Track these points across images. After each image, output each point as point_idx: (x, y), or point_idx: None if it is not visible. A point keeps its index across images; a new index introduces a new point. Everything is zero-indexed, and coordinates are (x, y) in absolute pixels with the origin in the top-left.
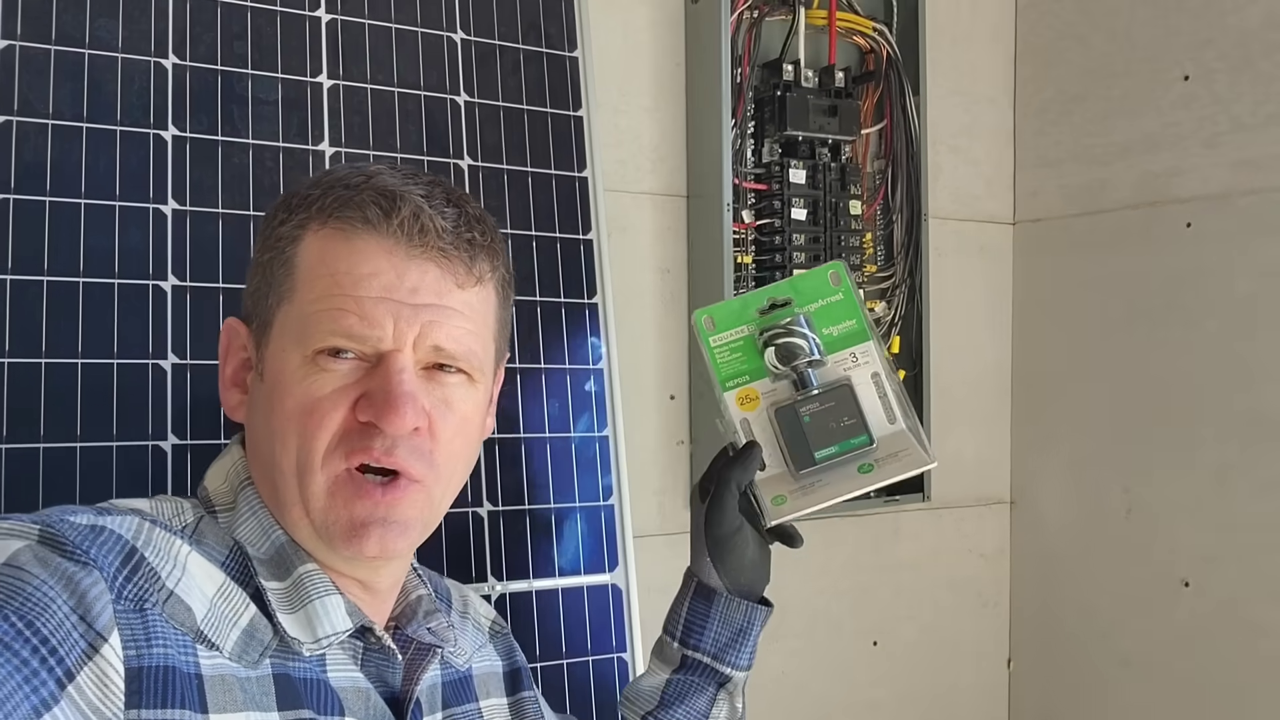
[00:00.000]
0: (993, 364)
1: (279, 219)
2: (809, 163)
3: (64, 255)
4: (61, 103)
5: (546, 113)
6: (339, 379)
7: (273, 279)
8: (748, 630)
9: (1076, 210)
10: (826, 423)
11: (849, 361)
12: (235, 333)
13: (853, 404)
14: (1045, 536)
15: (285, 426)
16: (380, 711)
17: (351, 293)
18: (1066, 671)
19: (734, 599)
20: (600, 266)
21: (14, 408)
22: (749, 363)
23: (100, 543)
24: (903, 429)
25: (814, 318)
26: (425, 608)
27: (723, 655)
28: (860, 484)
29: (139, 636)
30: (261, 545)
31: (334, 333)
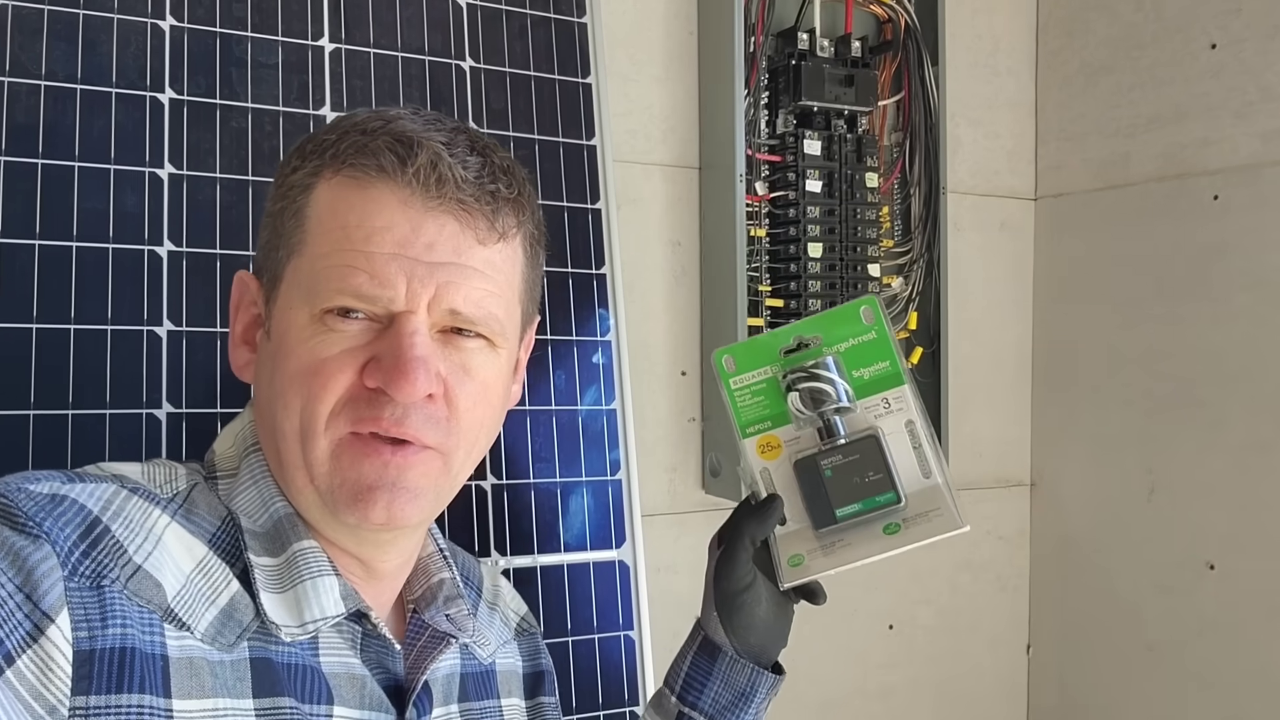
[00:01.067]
0: (1013, 342)
1: (292, 166)
2: (824, 134)
3: (57, 219)
4: (55, 63)
5: (554, 79)
6: (347, 340)
7: (283, 231)
8: (750, 695)
9: (1100, 184)
10: (850, 477)
11: (881, 407)
12: (246, 287)
13: (880, 457)
14: (1066, 519)
15: (288, 387)
16: (377, 699)
17: (362, 248)
18: (1088, 657)
19: (739, 660)
20: (609, 237)
21: (5, 374)
22: (772, 408)
23: (58, 514)
24: (937, 485)
25: (844, 358)
26: (447, 593)
27: (721, 717)
28: (885, 546)
29: (93, 616)
30: (258, 517)
31: (342, 291)
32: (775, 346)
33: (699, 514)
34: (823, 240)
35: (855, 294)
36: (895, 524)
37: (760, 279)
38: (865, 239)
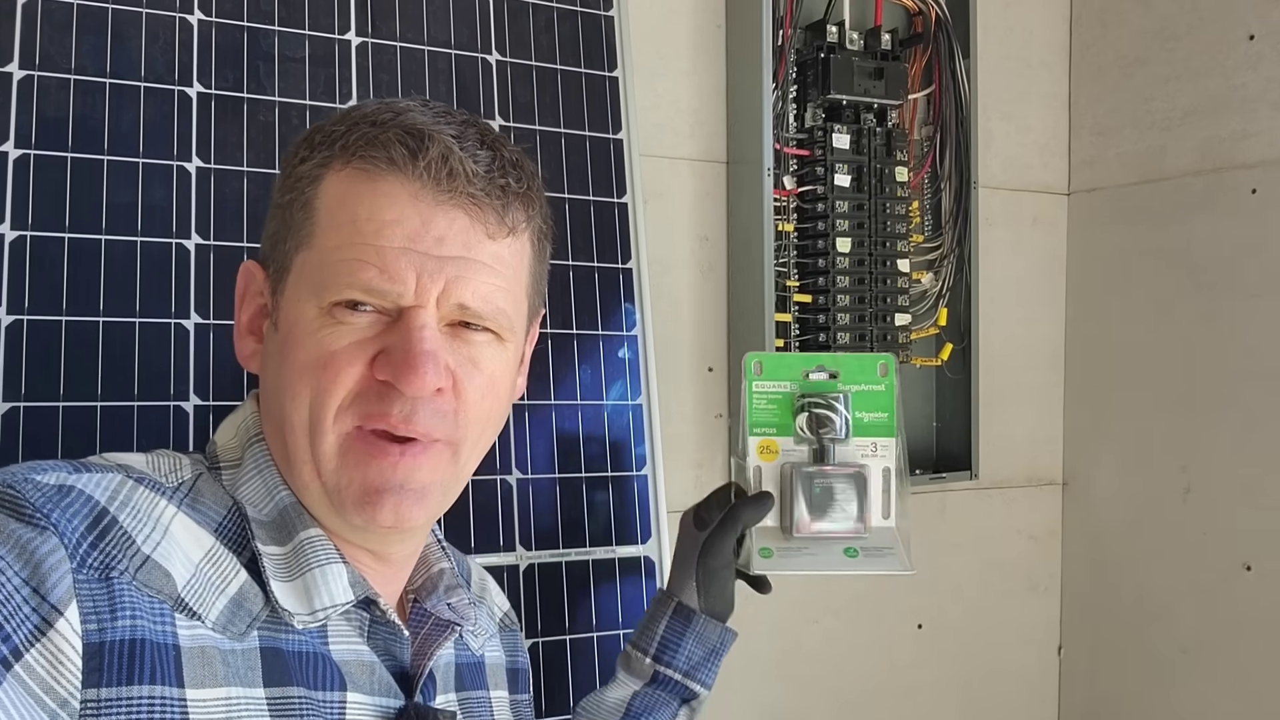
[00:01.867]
0: (1045, 339)
1: (300, 157)
2: (853, 127)
3: (86, 212)
4: (84, 58)
5: (580, 73)
6: (356, 332)
7: (291, 222)
8: (720, 651)
9: (1135, 179)
10: (833, 498)
11: (869, 450)
12: (252, 277)
13: (861, 491)
14: (1099, 518)
15: (297, 380)
16: (386, 685)
17: (373, 241)
18: (1121, 660)
19: (710, 621)
20: (635, 231)
21: (34, 366)
22: (781, 417)
23: (65, 505)
24: (893, 529)
25: (853, 399)
26: (447, 582)
27: (694, 673)
28: (842, 566)
29: (102, 608)
30: (264, 506)
31: (352, 285)
32: (800, 367)
33: None
34: (851, 235)
35: (884, 289)
36: (854, 550)
37: (789, 274)
38: (895, 234)
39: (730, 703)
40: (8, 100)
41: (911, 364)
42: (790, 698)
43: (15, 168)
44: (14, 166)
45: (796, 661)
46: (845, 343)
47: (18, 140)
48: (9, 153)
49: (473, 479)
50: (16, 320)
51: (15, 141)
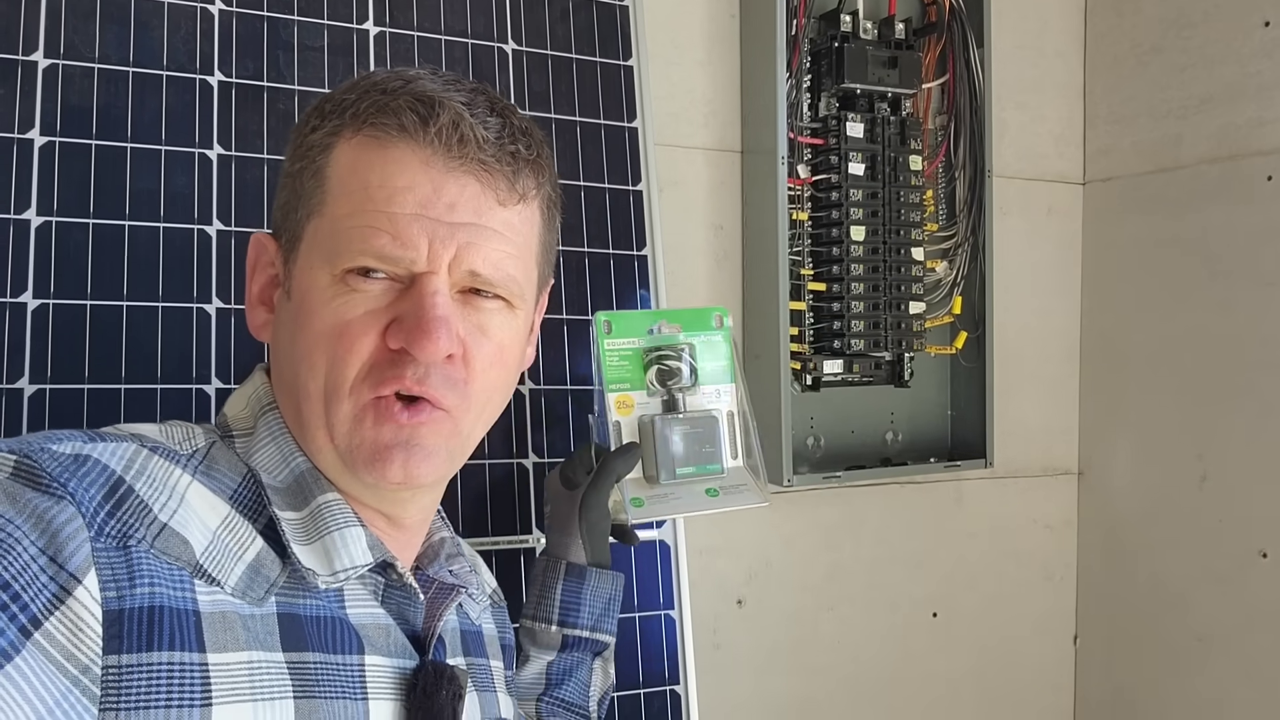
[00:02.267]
0: (1060, 328)
1: (310, 125)
2: (867, 116)
3: (110, 199)
4: (108, 47)
5: (596, 62)
6: (370, 300)
7: (302, 191)
8: (616, 597)
9: (1150, 167)
10: (692, 445)
11: (714, 396)
12: (263, 247)
13: (716, 434)
14: (1115, 507)
15: (313, 348)
16: (401, 646)
17: (384, 208)
18: (1137, 648)
19: (601, 572)
20: (650, 219)
21: (60, 350)
22: (633, 373)
23: (82, 474)
24: (749, 466)
25: (695, 350)
26: (448, 550)
27: (600, 625)
28: (705, 505)
29: (120, 576)
30: (279, 473)
31: (364, 252)
32: (646, 323)
33: None
34: (865, 224)
35: (898, 278)
36: (715, 489)
37: (803, 263)
38: (909, 222)
39: (745, 692)
40: (33, 89)
41: (926, 352)
42: (805, 686)
43: (41, 155)
44: (40, 154)
45: (811, 650)
46: (859, 331)
47: (43, 128)
48: (35, 140)
49: (489, 462)
50: (43, 305)
51: (41, 129)
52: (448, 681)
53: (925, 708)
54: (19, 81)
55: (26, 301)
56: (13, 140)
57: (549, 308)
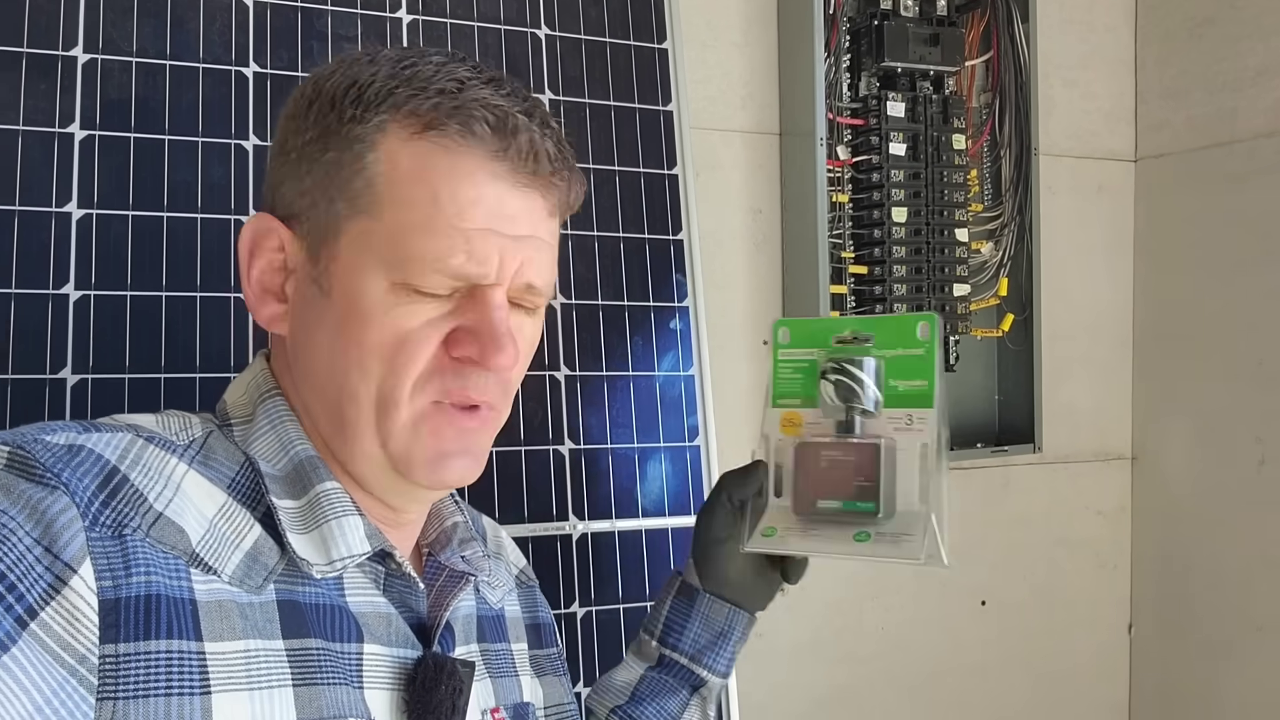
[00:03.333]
0: (1112, 309)
1: (348, 113)
2: (909, 95)
3: (148, 190)
4: (145, 40)
5: (630, 45)
6: (430, 310)
7: (341, 182)
8: (728, 634)
9: (1205, 142)
10: (842, 475)
11: (903, 422)
12: (268, 232)
13: (875, 467)
14: (1170, 493)
15: (366, 357)
16: (403, 636)
17: (457, 224)
18: (1193, 638)
19: (716, 601)
20: (685, 202)
21: (101, 340)
22: (806, 388)
23: (76, 464)
24: (924, 514)
25: (887, 366)
26: (461, 535)
27: (700, 657)
28: (850, 550)
29: (116, 565)
30: (278, 461)
31: (441, 272)
32: (830, 333)
33: None
34: (907, 204)
35: (942, 260)
36: (867, 534)
37: (844, 245)
38: (952, 203)
39: (787, 681)
40: (73, 83)
41: (972, 335)
42: (848, 676)
43: (81, 149)
44: (80, 148)
45: (855, 639)
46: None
47: (83, 122)
48: (75, 134)
49: (525, 449)
50: (84, 296)
51: (81, 123)
52: (447, 675)
53: (973, 699)
54: (59, 77)
55: (68, 293)
56: (54, 134)
57: (584, 294)
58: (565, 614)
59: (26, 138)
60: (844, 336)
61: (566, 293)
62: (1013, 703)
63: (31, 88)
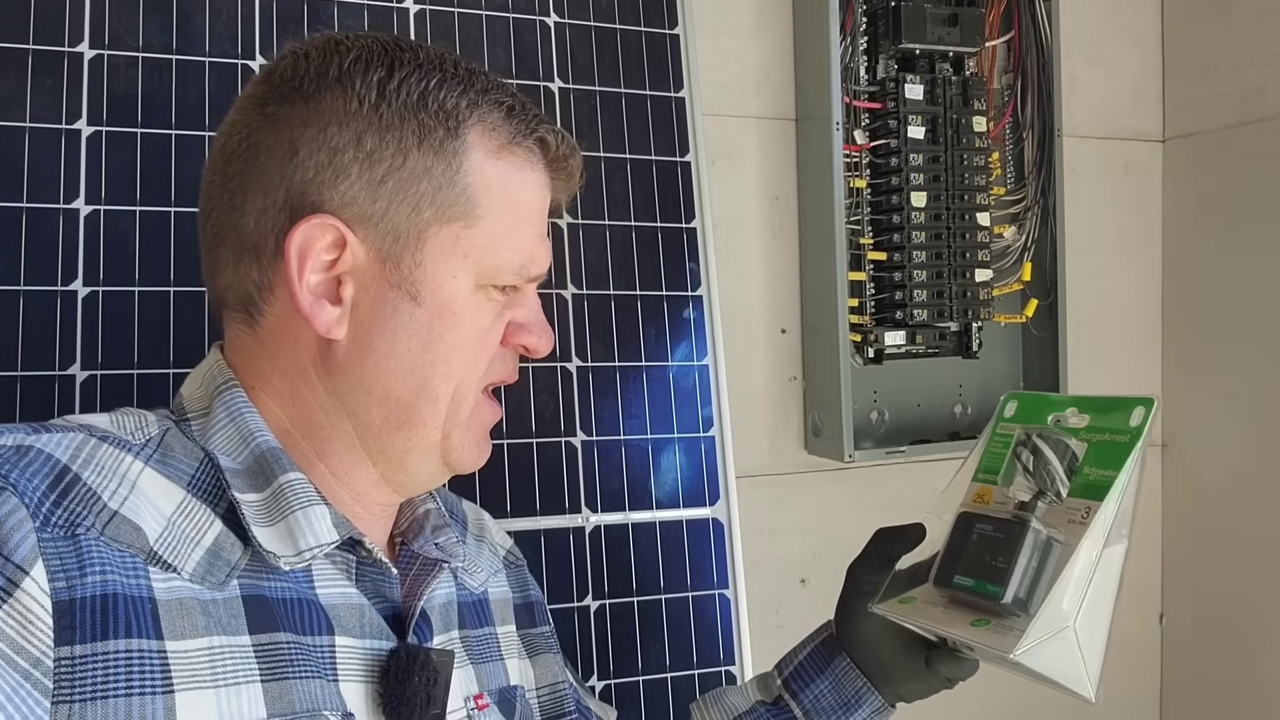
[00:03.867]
0: (1141, 293)
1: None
2: (928, 77)
3: (155, 185)
4: (151, 35)
5: (640, 31)
6: (497, 307)
7: (429, 191)
8: (854, 706)
9: (1235, 121)
10: (985, 552)
11: (1080, 515)
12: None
13: (1015, 548)
14: (1202, 480)
15: (452, 355)
16: (377, 627)
17: (530, 229)
18: (1227, 628)
19: (855, 668)
20: (699, 190)
21: (110, 335)
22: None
23: (24, 464)
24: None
25: (1090, 452)
26: (434, 522)
27: (814, 717)
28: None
29: (70, 566)
30: (238, 454)
31: (521, 274)
32: (1050, 410)
33: (801, 475)
34: (927, 189)
35: (963, 244)
36: (987, 620)
37: (862, 231)
38: (973, 186)
39: None
40: (79, 79)
41: (995, 321)
42: None
43: (88, 144)
44: (87, 143)
45: None
46: (922, 300)
47: (90, 118)
48: (82, 130)
49: (537, 441)
50: (93, 292)
51: (88, 119)
52: (420, 666)
53: (998, 691)
54: (65, 73)
55: (77, 289)
56: (60, 131)
57: (596, 283)
58: (579, 607)
59: (33, 134)
60: (1061, 415)
61: (578, 283)
62: (1040, 696)
63: (38, 84)
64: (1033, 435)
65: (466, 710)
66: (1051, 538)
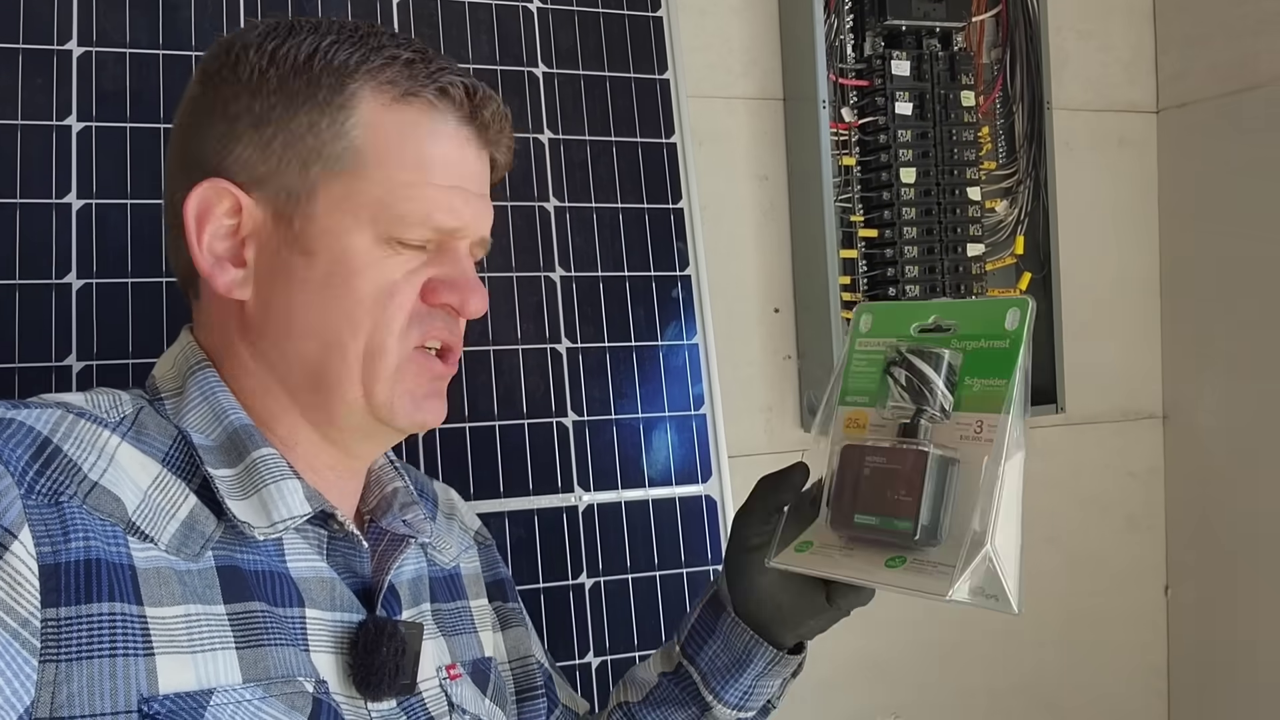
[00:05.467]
0: (1138, 265)
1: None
2: (914, 53)
3: (145, 179)
4: (138, 31)
5: (623, 15)
6: (409, 261)
7: (316, 147)
8: (744, 665)
9: (1229, 89)
10: (883, 486)
11: (972, 430)
12: (217, 198)
13: (919, 479)
14: (1204, 452)
15: (355, 309)
16: (347, 600)
17: (437, 181)
18: (1233, 599)
19: (739, 623)
20: (684, 170)
21: (104, 326)
22: (880, 384)
23: (7, 436)
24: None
25: (968, 361)
26: (401, 500)
27: (711, 679)
28: (878, 578)
29: (54, 531)
30: (211, 431)
31: (424, 224)
32: (913, 320)
33: (798, 454)
34: (916, 165)
35: (955, 219)
36: (902, 559)
37: (853, 209)
38: (963, 161)
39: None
40: (69, 76)
41: (989, 296)
42: (875, 646)
43: (79, 140)
44: (77, 139)
45: (880, 608)
46: (914, 276)
47: (79, 114)
48: (73, 127)
49: (529, 421)
50: (86, 284)
51: (78, 115)
52: (388, 638)
53: (1006, 666)
54: (54, 70)
55: (71, 282)
56: (51, 128)
57: (585, 264)
58: (573, 585)
59: (25, 132)
60: (927, 325)
61: (566, 265)
62: (1047, 669)
63: (29, 82)
64: (903, 350)
65: (439, 680)
66: (949, 459)
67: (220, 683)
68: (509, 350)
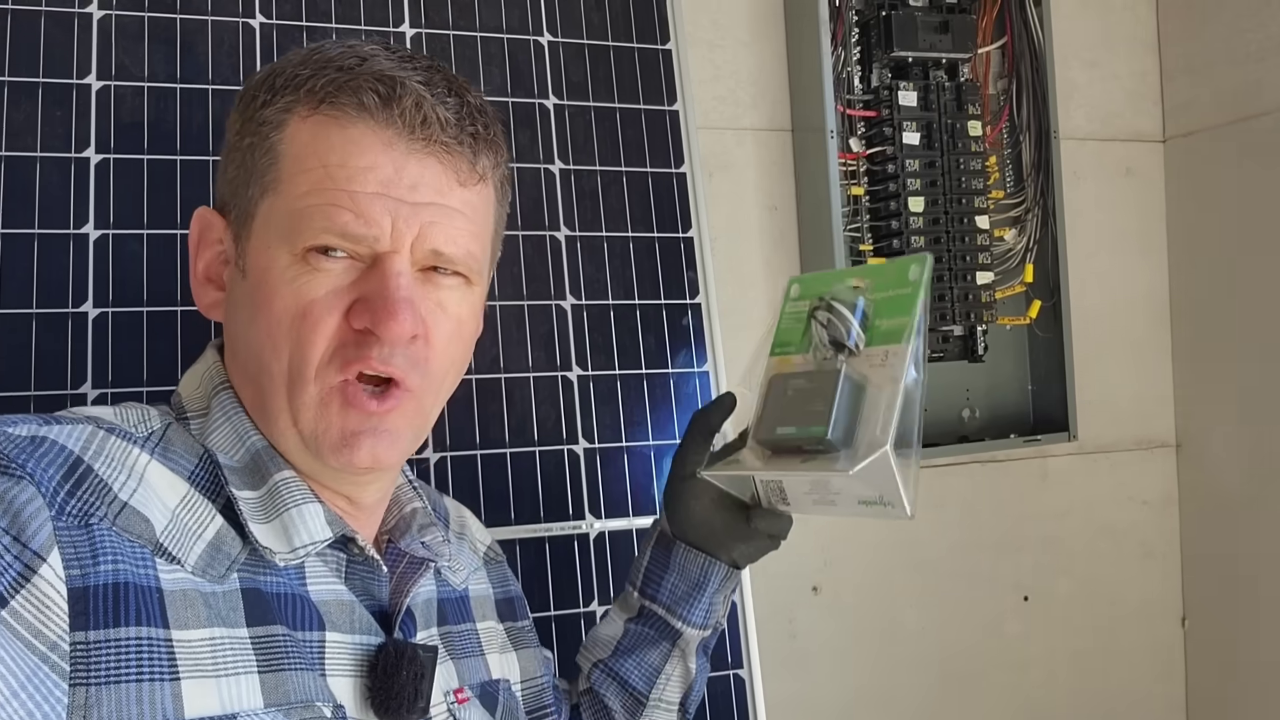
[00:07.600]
0: (1148, 294)
1: (260, 100)
2: (921, 84)
3: (162, 209)
4: (155, 65)
5: (633, 48)
6: (332, 279)
7: (254, 167)
8: (703, 585)
9: (1234, 117)
10: (803, 402)
11: (879, 359)
12: (209, 224)
13: (830, 393)
14: (1219, 481)
15: (275, 330)
16: (366, 624)
17: (346, 187)
18: (1252, 629)
19: (691, 551)
20: (694, 200)
21: (120, 354)
22: (802, 336)
23: (40, 454)
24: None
25: (877, 307)
26: (420, 521)
27: (676, 608)
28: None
29: (84, 554)
30: (235, 453)
31: (327, 230)
32: (834, 282)
33: None
34: (924, 194)
35: (963, 248)
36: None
37: (862, 238)
38: (971, 190)
39: (825, 683)
40: (88, 109)
41: (999, 324)
42: (889, 677)
43: (97, 172)
44: (95, 171)
45: (894, 638)
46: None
47: (98, 146)
48: (90, 158)
49: (540, 449)
50: (103, 313)
51: (96, 147)
52: (408, 661)
53: (1019, 698)
54: (74, 103)
55: (87, 311)
56: (70, 159)
57: (592, 294)
58: (585, 612)
59: (44, 163)
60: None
61: (577, 294)
62: (1061, 702)
63: (48, 115)
64: (827, 299)
65: (447, 704)
66: (860, 381)
67: (243, 707)
68: (520, 378)
